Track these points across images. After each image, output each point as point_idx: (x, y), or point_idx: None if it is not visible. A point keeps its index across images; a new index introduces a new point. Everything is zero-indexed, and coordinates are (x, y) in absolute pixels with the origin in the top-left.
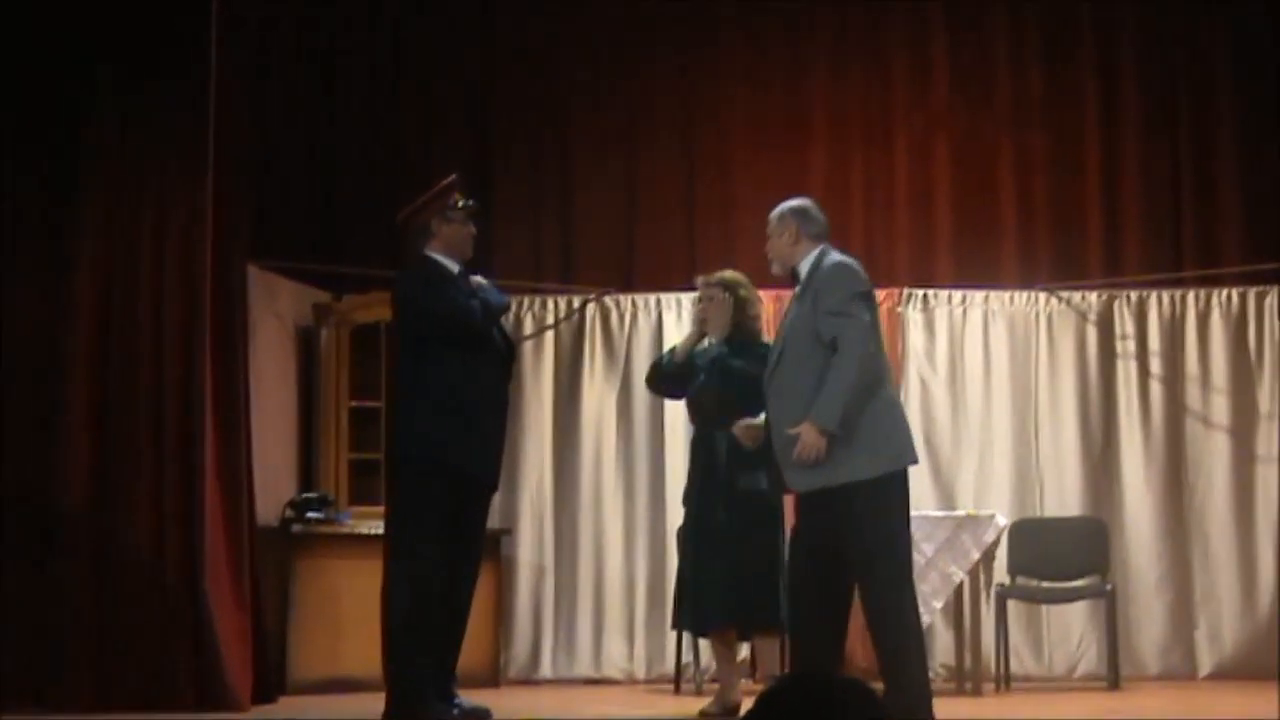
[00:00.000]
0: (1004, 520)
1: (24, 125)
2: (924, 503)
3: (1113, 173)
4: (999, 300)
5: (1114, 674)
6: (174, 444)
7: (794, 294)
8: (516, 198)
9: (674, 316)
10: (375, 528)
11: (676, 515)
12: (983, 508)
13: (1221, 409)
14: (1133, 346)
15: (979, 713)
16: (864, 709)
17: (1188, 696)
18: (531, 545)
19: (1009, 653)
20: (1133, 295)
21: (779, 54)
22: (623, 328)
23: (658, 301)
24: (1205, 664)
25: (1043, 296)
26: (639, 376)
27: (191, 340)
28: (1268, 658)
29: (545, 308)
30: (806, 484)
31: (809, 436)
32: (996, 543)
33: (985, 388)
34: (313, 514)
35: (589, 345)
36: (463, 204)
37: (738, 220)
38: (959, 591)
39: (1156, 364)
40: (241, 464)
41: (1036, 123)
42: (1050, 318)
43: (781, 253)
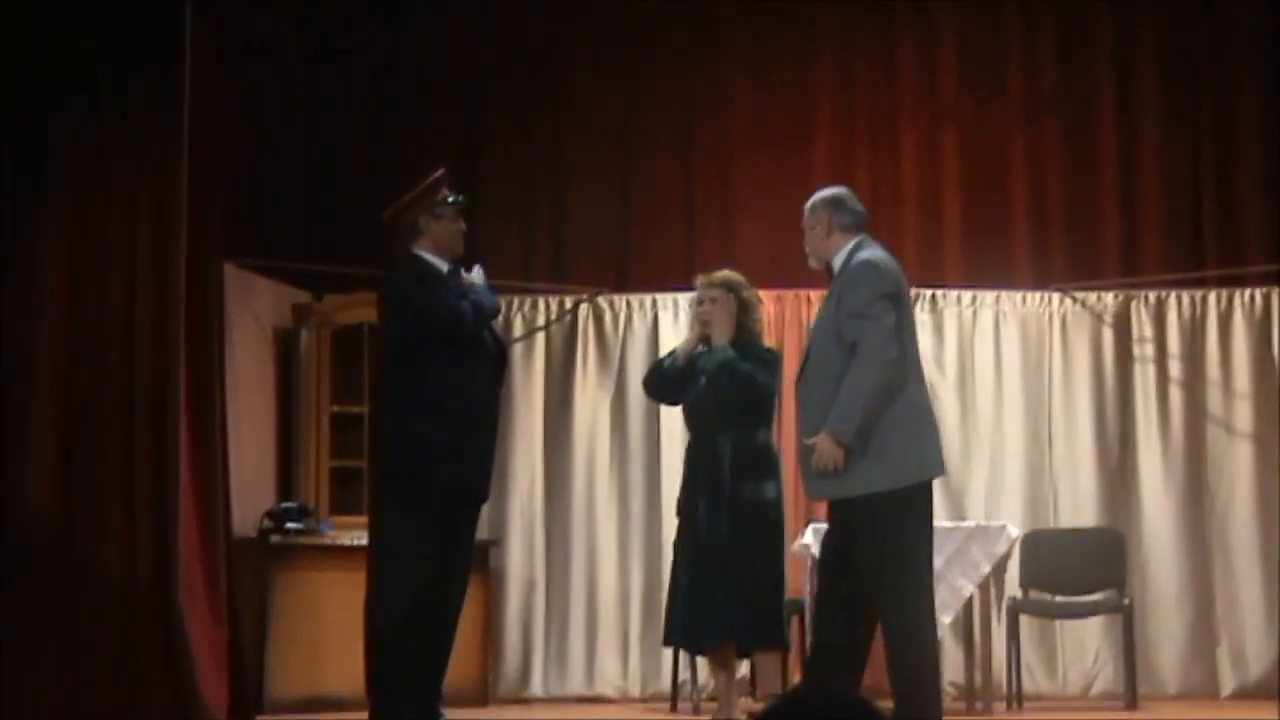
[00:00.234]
0: (1016, 531)
1: None
2: None
3: (1130, 167)
4: (1011, 301)
5: (1131, 693)
6: (146, 451)
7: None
8: (507, 193)
9: (671, 318)
10: (358, 539)
11: (673, 525)
12: (994, 518)
13: (1244, 415)
14: (1151, 349)
15: None
16: None
17: (1209, 717)
18: (522, 557)
19: (1021, 670)
20: (1151, 296)
21: (782, 45)
22: (617, 330)
23: (654, 302)
24: (1227, 683)
25: (1056, 297)
26: (634, 380)
27: (164, 342)
28: None
29: (536, 309)
30: (826, 493)
31: (824, 447)
32: (1008, 555)
33: (996, 392)
34: (292, 524)
35: (582, 348)
36: (452, 199)
37: (738, 218)
38: (969, 606)
39: (1176, 368)
40: (217, 472)
41: (1050, 115)
42: (1064, 319)
43: (816, 247)
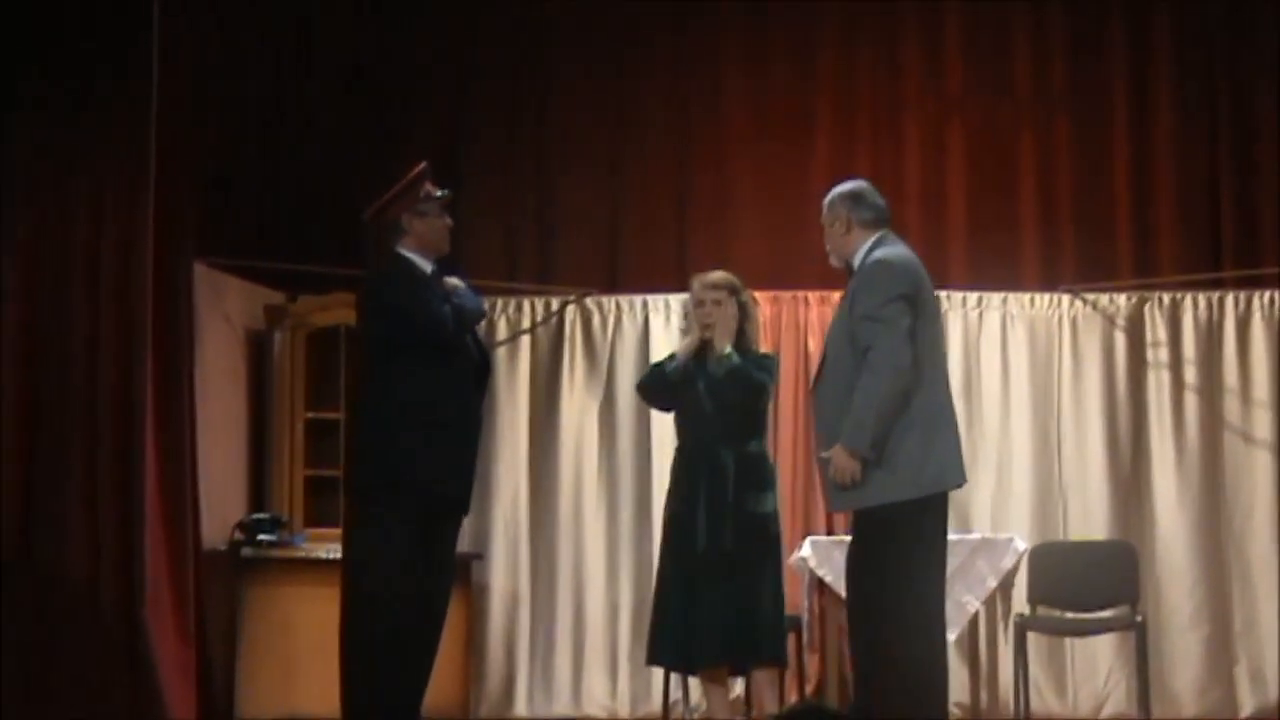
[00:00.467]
0: (1023, 544)
1: None
2: None
3: (1144, 162)
4: (1018, 303)
5: (1145, 714)
6: (110, 459)
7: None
8: (489, 189)
9: (662, 321)
10: (333, 552)
11: None
12: (1000, 530)
13: (1263, 423)
14: (1165, 354)
15: None
16: None
17: None
18: (505, 571)
19: (1029, 690)
20: (1165, 298)
21: (781, 34)
22: (606, 333)
23: (645, 304)
24: (1246, 704)
25: (1066, 299)
26: (623, 386)
27: (131, 344)
28: None
29: (521, 311)
30: (846, 505)
31: (839, 460)
32: (1015, 569)
33: (1003, 398)
34: (264, 536)
35: (569, 352)
36: (436, 194)
37: (733, 215)
38: (974, 622)
39: (1192, 373)
40: (186, 481)
41: (1060, 109)
42: (1075, 322)
43: (836, 244)
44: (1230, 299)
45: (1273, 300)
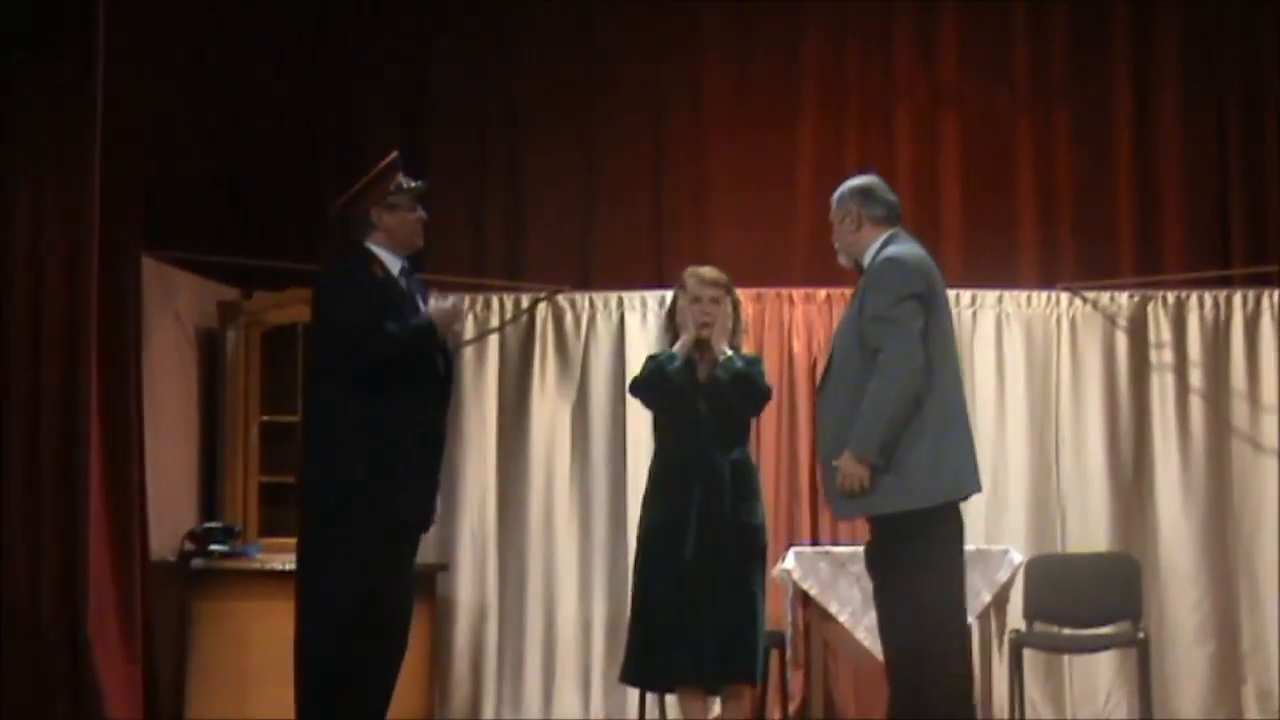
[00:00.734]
0: (1019, 556)
1: None
2: None
3: (1148, 155)
4: (1015, 302)
5: None
6: (52, 463)
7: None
8: (456, 180)
9: (638, 319)
10: (288, 563)
11: None
12: (995, 542)
13: (1272, 428)
14: (1170, 355)
15: None
16: None
17: None
18: (472, 582)
19: (1025, 709)
20: (1169, 296)
21: (765, 16)
22: (579, 332)
23: (620, 302)
24: None
25: (1065, 297)
26: (596, 388)
27: (75, 342)
28: None
29: (489, 308)
30: (853, 512)
31: (847, 467)
32: (1011, 582)
33: (998, 402)
34: (216, 546)
35: (540, 352)
36: (408, 186)
37: (713, 208)
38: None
39: (1197, 376)
40: (133, 488)
41: (1060, 99)
42: (1074, 321)
43: (845, 242)
44: (1238, 298)
45: None
